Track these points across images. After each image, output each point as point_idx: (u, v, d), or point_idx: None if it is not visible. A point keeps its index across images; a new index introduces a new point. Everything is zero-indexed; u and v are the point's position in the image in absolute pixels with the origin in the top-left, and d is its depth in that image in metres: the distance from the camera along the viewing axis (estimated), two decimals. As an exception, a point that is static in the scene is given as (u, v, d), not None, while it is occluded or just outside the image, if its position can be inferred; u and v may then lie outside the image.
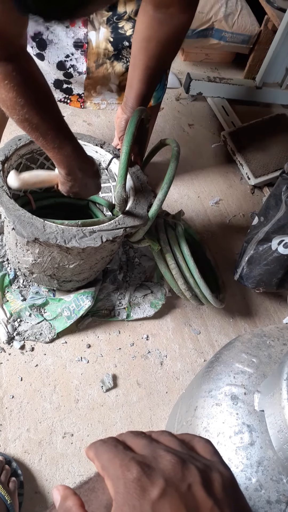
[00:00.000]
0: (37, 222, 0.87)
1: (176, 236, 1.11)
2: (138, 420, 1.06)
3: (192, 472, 0.30)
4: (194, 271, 1.10)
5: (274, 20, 1.81)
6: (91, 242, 0.88)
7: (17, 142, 1.01)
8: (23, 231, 0.86)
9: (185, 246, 1.10)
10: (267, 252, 1.19)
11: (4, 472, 0.86)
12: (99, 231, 0.90)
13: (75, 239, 0.87)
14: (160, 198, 0.95)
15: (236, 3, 2.01)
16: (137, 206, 0.98)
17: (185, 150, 1.76)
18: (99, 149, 1.10)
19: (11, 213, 0.88)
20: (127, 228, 0.93)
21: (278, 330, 0.73)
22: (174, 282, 1.11)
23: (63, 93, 1.14)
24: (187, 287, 1.11)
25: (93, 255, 0.98)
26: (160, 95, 1.26)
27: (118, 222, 0.93)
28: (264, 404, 0.59)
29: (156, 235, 1.09)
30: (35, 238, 0.85)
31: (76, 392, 1.07)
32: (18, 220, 0.87)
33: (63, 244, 0.86)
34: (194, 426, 0.66)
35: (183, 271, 1.10)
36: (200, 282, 1.11)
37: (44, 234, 0.86)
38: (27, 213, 0.88)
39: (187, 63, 2.18)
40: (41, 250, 0.93)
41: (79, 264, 0.98)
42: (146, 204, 0.99)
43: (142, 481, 0.28)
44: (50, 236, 0.86)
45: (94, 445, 0.32)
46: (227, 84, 1.94)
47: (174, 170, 0.95)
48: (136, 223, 0.95)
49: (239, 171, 1.76)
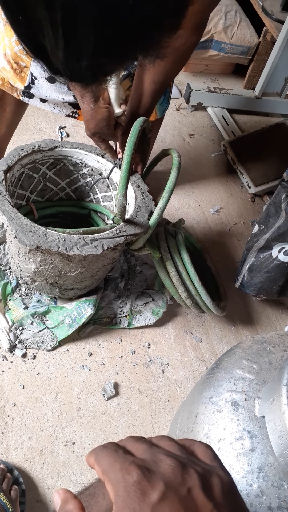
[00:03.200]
0: (39, 230, 0.89)
1: (176, 244, 1.12)
2: (140, 428, 1.06)
3: (192, 476, 0.30)
4: (195, 278, 1.10)
5: (273, 32, 1.84)
6: (92, 250, 0.89)
7: (19, 152, 1.02)
8: (25, 239, 0.87)
9: (186, 254, 1.11)
10: (267, 259, 1.20)
11: (6, 480, 0.86)
12: (100, 239, 0.91)
13: (77, 247, 0.88)
14: (161, 207, 0.96)
15: (235, 15, 2.04)
16: (138, 215, 0.99)
17: (186, 160, 1.78)
18: (100, 159, 1.11)
19: (13, 221, 0.89)
20: (128, 236, 0.94)
21: (278, 337, 0.74)
22: (175, 289, 1.12)
23: (72, 108, 1.15)
24: (188, 295, 1.12)
25: (94, 263, 0.99)
26: (165, 108, 1.28)
27: (119, 230, 0.94)
28: (264, 410, 0.59)
29: (156, 243, 1.10)
30: (37, 246, 0.86)
31: (77, 400, 1.07)
32: (20, 228, 0.88)
33: (64, 252, 0.87)
34: (195, 433, 0.66)
35: (184, 278, 1.11)
36: (201, 290, 1.11)
37: (46, 242, 0.87)
38: (29, 222, 0.89)
39: (187, 74, 2.21)
40: (43, 258, 0.94)
41: (81, 272, 0.99)
42: (147, 213, 1.00)
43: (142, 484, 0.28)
44: (52, 244, 0.87)
45: (94, 451, 0.33)
46: (227, 94, 1.96)
47: (175, 179, 0.96)
48: (137, 231, 0.96)
49: (239, 180, 1.78)
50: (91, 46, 0.33)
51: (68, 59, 0.34)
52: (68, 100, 1.10)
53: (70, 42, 0.32)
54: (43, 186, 1.19)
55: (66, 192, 1.24)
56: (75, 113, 1.19)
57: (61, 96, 1.08)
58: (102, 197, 1.23)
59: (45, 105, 1.14)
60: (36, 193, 1.19)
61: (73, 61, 0.34)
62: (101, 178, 1.17)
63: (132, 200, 1.04)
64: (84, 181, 1.20)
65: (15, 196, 1.10)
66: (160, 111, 1.26)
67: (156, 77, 0.92)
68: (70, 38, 0.32)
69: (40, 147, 1.06)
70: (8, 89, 1.11)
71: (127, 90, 1.15)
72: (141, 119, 0.92)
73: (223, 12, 2.01)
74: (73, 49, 0.33)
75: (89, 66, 0.35)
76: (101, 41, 0.33)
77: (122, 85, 1.14)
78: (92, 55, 0.34)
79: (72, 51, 0.33)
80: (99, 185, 1.20)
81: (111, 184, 1.17)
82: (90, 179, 1.19)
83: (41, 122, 1.72)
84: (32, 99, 1.12)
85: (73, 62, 0.34)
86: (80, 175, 1.19)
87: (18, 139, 1.59)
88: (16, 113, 1.24)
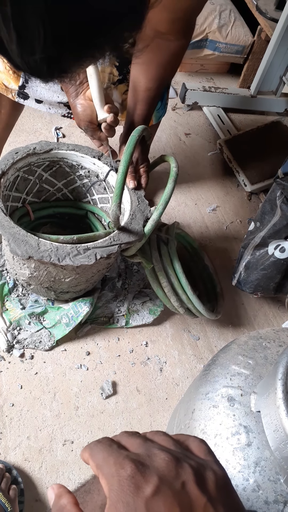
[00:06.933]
0: (32, 240, 0.87)
1: (168, 252, 1.11)
2: (138, 426, 1.06)
3: (186, 470, 0.30)
4: (187, 288, 1.10)
5: (267, 31, 1.84)
6: (85, 260, 0.88)
7: (13, 155, 1.01)
8: (17, 249, 0.86)
9: (177, 263, 1.10)
10: (264, 257, 1.20)
11: (5, 480, 0.86)
12: (94, 248, 0.90)
13: (69, 257, 0.87)
14: (154, 219, 0.95)
15: (229, 15, 2.05)
16: (133, 221, 0.97)
17: (182, 159, 1.78)
18: (96, 161, 1.11)
19: (6, 230, 0.88)
20: (122, 244, 0.93)
21: (274, 332, 0.74)
22: (167, 299, 1.12)
23: (67, 109, 1.15)
24: (180, 304, 1.12)
25: (88, 270, 0.98)
26: (161, 114, 1.28)
27: (113, 239, 0.93)
28: (260, 404, 0.59)
29: (149, 253, 1.09)
30: (29, 256, 0.86)
31: (76, 399, 1.07)
32: (12, 238, 0.87)
33: (57, 262, 0.86)
34: (192, 429, 0.66)
35: (176, 288, 1.10)
36: (193, 299, 1.11)
37: (38, 252, 0.86)
38: (22, 231, 0.88)
39: (182, 74, 2.22)
40: (37, 265, 0.93)
41: (75, 277, 0.98)
42: (142, 219, 0.98)
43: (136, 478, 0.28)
44: (44, 254, 0.86)
45: (88, 446, 0.33)
46: (222, 93, 1.97)
47: (171, 191, 0.95)
48: (131, 239, 0.95)
49: (235, 178, 1.78)
50: (42, 39, 0.33)
51: (22, 52, 0.35)
52: (62, 100, 1.10)
53: (21, 35, 0.33)
54: (39, 188, 1.18)
55: (63, 193, 1.24)
56: (70, 114, 1.19)
57: (55, 95, 1.08)
58: (99, 199, 1.22)
59: (41, 106, 1.14)
60: (32, 195, 1.18)
61: (27, 54, 0.35)
62: (97, 181, 1.17)
63: (127, 206, 1.02)
64: (81, 182, 1.20)
65: (10, 199, 1.09)
66: (156, 117, 1.27)
67: (149, 84, 0.92)
68: (21, 31, 0.33)
69: (35, 150, 1.04)
70: (3, 91, 1.11)
71: (123, 94, 1.15)
72: (139, 128, 0.90)
73: (217, 11, 2.01)
74: (24, 42, 0.34)
75: (43, 60, 0.35)
76: (51, 34, 0.33)
77: (118, 89, 1.14)
78: (43, 49, 0.34)
79: (24, 44, 0.34)
80: (96, 187, 1.20)
81: (107, 186, 1.17)
82: (87, 180, 1.19)
83: (37, 123, 1.72)
84: (27, 100, 1.12)
85: (27, 55, 0.35)
86: (77, 177, 1.18)
87: (14, 140, 1.59)
88: (11, 115, 1.24)
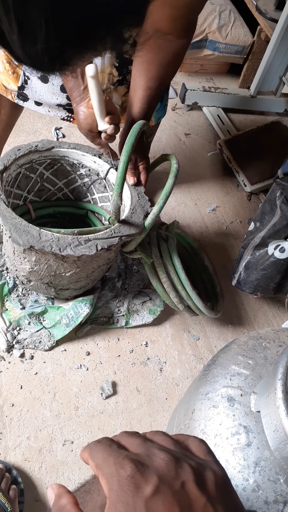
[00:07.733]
0: (33, 230, 0.89)
1: (168, 249, 1.12)
2: (138, 426, 1.06)
3: (185, 470, 0.30)
4: (186, 283, 1.10)
5: (267, 31, 1.84)
6: (86, 250, 0.89)
7: (16, 152, 1.02)
8: (19, 239, 0.87)
9: (177, 259, 1.11)
10: (263, 257, 1.20)
11: (5, 480, 0.86)
12: (95, 240, 0.91)
13: (70, 247, 0.88)
14: (155, 213, 0.96)
15: (229, 15, 2.05)
16: (133, 215, 0.99)
17: (182, 159, 1.78)
18: (97, 159, 1.11)
19: (7, 221, 0.89)
20: (123, 236, 0.94)
21: (274, 332, 0.74)
22: (166, 295, 1.12)
23: (67, 112, 1.15)
24: (180, 300, 1.12)
25: (89, 263, 0.99)
26: (160, 115, 1.28)
27: (113, 231, 0.94)
28: (260, 405, 0.59)
29: (148, 248, 1.10)
30: (30, 245, 0.86)
31: (76, 399, 1.07)
32: (14, 228, 0.88)
33: (58, 252, 0.87)
34: (191, 429, 0.66)
35: (175, 284, 1.10)
36: (193, 295, 1.11)
37: (39, 242, 0.87)
38: (23, 222, 0.90)
39: (182, 74, 2.22)
40: (38, 258, 0.94)
41: (76, 272, 0.99)
42: (142, 214, 1.00)
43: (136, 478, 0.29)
44: (45, 244, 0.87)
45: (88, 446, 0.33)
46: (222, 94, 1.97)
47: (172, 186, 0.96)
48: (132, 232, 0.96)
49: (235, 179, 1.78)
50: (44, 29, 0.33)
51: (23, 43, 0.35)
52: (61, 102, 1.10)
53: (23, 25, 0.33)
54: (40, 186, 1.19)
55: (63, 193, 1.24)
56: (70, 117, 1.19)
57: (54, 97, 1.08)
58: (99, 198, 1.23)
59: (40, 109, 1.14)
60: (33, 193, 1.19)
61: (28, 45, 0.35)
62: (98, 179, 1.17)
63: (128, 201, 1.04)
64: (82, 181, 1.21)
65: (11, 196, 1.10)
66: (156, 118, 1.27)
67: (150, 83, 0.92)
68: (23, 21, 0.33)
69: (37, 147, 1.06)
70: (2, 92, 1.11)
71: (123, 96, 1.15)
72: (141, 122, 0.91)
73: (217, 11, 2.01)
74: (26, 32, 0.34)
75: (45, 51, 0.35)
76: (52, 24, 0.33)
77: (118, 91, 1.14)
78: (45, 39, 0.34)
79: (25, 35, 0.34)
80: (96, 185, 1.20)
81: (108, 185, 1.18)
82: (88, 179, 1.19)
83: (37, 123, 1.72)
84: (27, 102, 1.12)
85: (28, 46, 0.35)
86: (78, 176, 1.19)
87: (14, 141, 1.59)
88: (11, 116, 1.24)
